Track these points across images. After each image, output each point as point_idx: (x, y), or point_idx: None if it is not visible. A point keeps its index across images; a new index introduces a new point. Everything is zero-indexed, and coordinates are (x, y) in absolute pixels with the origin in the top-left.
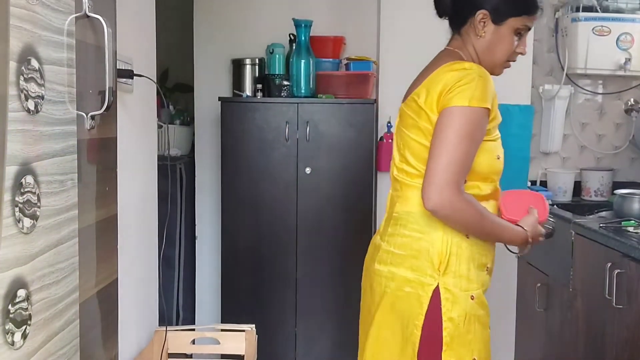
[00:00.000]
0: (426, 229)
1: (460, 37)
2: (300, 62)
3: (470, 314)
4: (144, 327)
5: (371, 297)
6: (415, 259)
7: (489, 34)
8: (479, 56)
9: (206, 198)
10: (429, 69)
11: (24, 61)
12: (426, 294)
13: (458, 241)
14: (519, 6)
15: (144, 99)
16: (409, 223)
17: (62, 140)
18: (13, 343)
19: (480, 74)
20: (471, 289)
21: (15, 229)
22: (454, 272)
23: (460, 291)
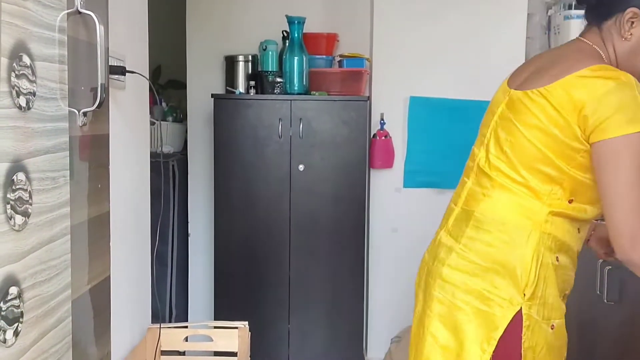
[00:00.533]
0: (518, 242)
1: (600, 33)
2: (294, 59)
3: (550, 345)
4: (136, 324)
5: (428, 305)
6: (497, 275)
7: (636, 38)
8: (618, 60)
9: (199, 195)
10: (561, 60)
11: (16, 57)
12: (504, 317)
13: (548, 263)
14: None
15: (136, 96)
16: (498, 232)
17: (54, 137)
18: (5, 341)
19: (633, 84)
20: (553, 317)
21: (6, 226)
22: (539, 297)
23: (542, 319)
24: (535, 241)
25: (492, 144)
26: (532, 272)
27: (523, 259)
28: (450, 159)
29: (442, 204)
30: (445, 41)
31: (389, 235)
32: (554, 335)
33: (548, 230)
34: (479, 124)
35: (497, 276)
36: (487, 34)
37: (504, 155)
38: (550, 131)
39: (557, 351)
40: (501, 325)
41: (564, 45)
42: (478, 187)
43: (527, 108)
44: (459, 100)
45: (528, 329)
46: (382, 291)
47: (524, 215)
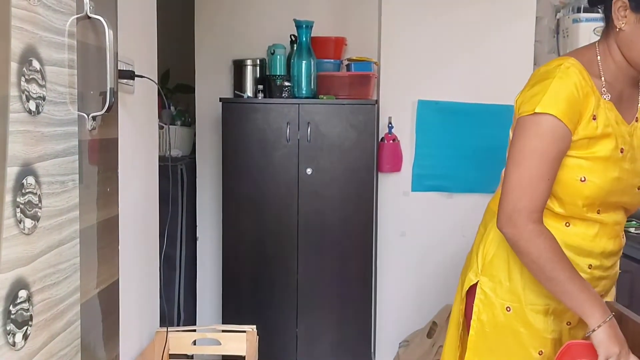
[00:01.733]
0: (486, 224)
1: (607, 30)
2: (302, 63)
3: (501, 325)
4: (145, 327)
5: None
6: (474, 253)
7: (629, 26)
8: (623, 52)
9: (207, 199)
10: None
11: (25, 62)
12: (466, 286)
13: (508, 248)
14: None
15: (145, 100)
16: (484, 218)
17: (64, 141)
18: (14, 344)
19: (562, 75)
20: (509, 300)
21: (16, 230)
22: (495, 276)
23: (496, 298)
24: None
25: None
26: (489, 251)
27: (487, 237)
28: (459, 162)
29: (450, 208)
30: (453, 45)
31: (397, 239)
32: (507, 317)
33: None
34: (487, 128)
35: (472, 254)
36: (495, 38)
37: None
38: (514, 126)
39: (512, 334)
40: (464, 296)
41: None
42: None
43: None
44: (467, 104)
45: (481, 302)
46: (390, 295)
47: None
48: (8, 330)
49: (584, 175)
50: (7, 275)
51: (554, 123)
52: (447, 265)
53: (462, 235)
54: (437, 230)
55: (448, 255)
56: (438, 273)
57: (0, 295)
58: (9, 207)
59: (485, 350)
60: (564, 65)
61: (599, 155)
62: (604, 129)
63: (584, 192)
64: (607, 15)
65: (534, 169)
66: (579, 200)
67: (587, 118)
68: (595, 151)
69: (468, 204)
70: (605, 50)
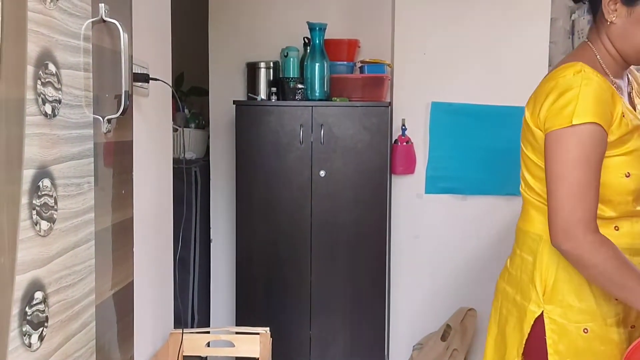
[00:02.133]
0: (533, 250)
1: (595, 26)
2: (315, 65)
3: (581, 349)
4: (159, 329)
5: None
6: (523, 282)
7: (620, 19)
8: (616, 46)
9: (221, 201)
10: (553, 69)
11: (41, 65)
12: (528, 322)
13: (568, 266)
14: None
15: (159, 103)
16: (522, 243)
17: (79, 143)
18: (30, 345)
19: (587, 81)
20: (583, 321)
21: (32, 232)
22: (561, 300)
23: (569, 322)
24: (548, 244)
25: (521, 168)
26: (549, 275)
27: (539, 263)
28: (473, 164)
29: (464, 210)
30: (467, 46)
31: (411, 241)
32: (586, 340)
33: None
34: (501, 129)
35: (523, 283)
36: (509, 39)
37: (523, 174)
38: (532, 141)
39: (594, 356)
40: (527, 329)
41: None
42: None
43: (523, 126)
44: (481, 105)
45: (553, 332)
46: (404, 298)
47: (538, 220)
48: (24, 331)
49: (628, 171)
50: (23, 276)
51: (592, 129)
52: (461, 268)
53: (476, 237)
54: (451, 233)
55: (462, 258)
56: (452, 276)
57: (17, 296)
58: (25, 209)
59: None
60: (583, 71)
61: (634, 149)
62: (632, 123)
63: (630, 187)
64: (594, 11)
65: (582, 178)
66: (629, 196)
67: (619, 117)
68: (630, 145)
69: (482, 206)
70: (600, 47)
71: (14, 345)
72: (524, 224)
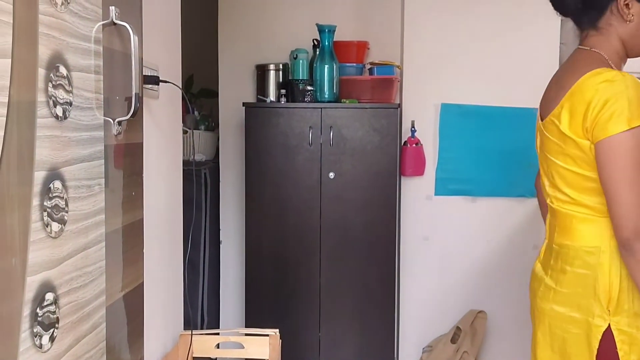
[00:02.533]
0: (591, 262)
1: (598, 32)
2: (324, 67)
3: None
4: (169, 330)
5: (535, 330)
6: (581, 298)
7: (637, 15)
8: (627, 45)
9: (230, 203)
10: (565, 76)
11: (53, 68)
12: (595, 337)
13: (627, 274)
14: None
15: (169, 105)
16: (573, 258)
17: (90, 145)
18: (41, 346)
19: (627, 84)
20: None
21: (43, 233)
22: (627, 310)
23: (637, 331)
24: (608, 255)
25: (545, 180)
26: (612, 286)
27: (600, 275)
28: (482, 166)
29: (474, 212)
30: (476, 47)
31: (420, 243)
32: None
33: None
34: (511, 131)
35: (582, 299)
36: (519, 40)
37: (555, 186)
38: (571, 152)
39: None
40: (595, 344)
41: (568, 59)
42: (552, 219)
43: (547, 137)
44: (491, 107)
45: (624, 343)
46: (414, 300)
47: (591, 233)
48: (35, 332)
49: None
50: (34, 278)
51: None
52: (471, 270)
53: (486, 239)
54: (460, 235)
55: (472, 260)
56: (462, 278)
57: (28, 297)
58: (36, 211)
59: None
60: (617, 75)
61: None
62: None
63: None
64: (596, 18)
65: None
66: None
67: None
68: None
69: (492, 208)
70: (608, 49)
71: (25, 346)
72: (569, 240)
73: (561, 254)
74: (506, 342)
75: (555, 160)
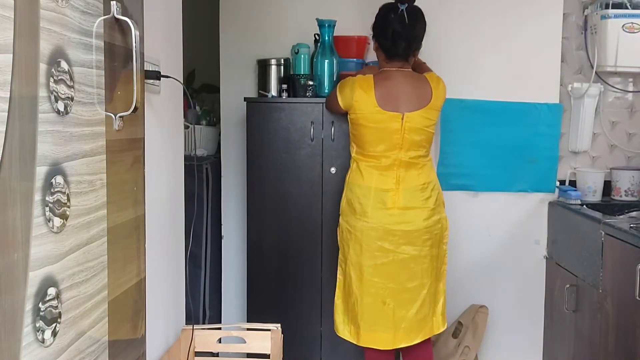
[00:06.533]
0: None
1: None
2: (324, 62)
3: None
4: (171, 325)
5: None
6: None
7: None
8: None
9: (232, 198)
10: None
11: (54, 63)
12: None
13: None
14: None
15: (171, 100)
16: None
17: (91, 140)
18: (43, 341)
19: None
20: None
21: (45, 228)
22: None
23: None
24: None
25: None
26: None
27: None
28: (484, 161)
29: (476, 207)
30: (478, 42)
31: None
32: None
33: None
34: (512, 126)
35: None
36: (522, 35)
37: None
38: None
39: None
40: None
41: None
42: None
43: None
44: (493, 101)
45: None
46: None
47: None
48: (37, 327)
49: None
50: (36, 273)
51: None
52: (472, 265)
53: (487, 234)
54: (462, 230)
55: (473, 255)
56: (463, 273)
57: (30, 292)
58: (38, 206)
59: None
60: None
61: None
62: None
63: None
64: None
65: None
66: None
67: None
68: None
69: (494, 203)
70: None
71: (27, 341)
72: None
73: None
74: (507, 336)
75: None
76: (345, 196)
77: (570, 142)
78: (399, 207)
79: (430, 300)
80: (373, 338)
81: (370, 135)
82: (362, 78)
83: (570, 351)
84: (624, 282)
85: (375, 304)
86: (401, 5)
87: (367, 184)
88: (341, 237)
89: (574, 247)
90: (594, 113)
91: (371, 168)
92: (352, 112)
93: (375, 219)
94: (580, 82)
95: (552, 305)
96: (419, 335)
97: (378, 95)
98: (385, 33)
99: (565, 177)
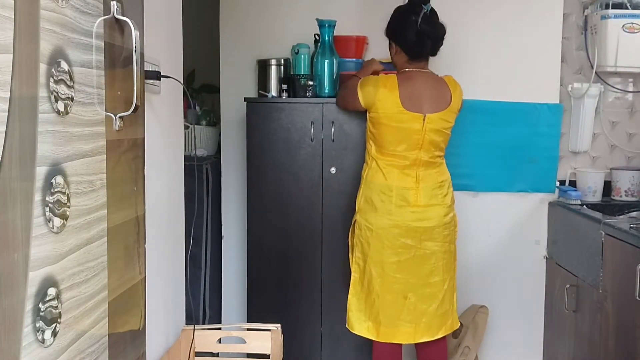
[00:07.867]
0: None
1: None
2: (324, 62)
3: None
4: (171, 325)
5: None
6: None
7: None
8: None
9: (232, 198)
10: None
11: (54, 63)
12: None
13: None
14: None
15: (171, 100)
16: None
17: (92, 141)
18: (43, 341)
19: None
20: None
21: (45, 229)
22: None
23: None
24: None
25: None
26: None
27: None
28: (484, 161)
29: (475, 207)
30: (478, 42)
31: None
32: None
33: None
34: (513, 126)
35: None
36: (522, 35)
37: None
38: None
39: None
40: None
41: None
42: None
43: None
44: (493, 102)
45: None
46: None
47: None
48: (37, 327)
49: None
50: (36, 273)
51: None
52: (472, 265)
53: (487, 234)
54: (462, 230)
55: (473, 255)
56: (463, 273)
57: (30, 292)
58: (38, 206)
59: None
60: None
61: None
62: None
63: None
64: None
65: None
66: None
67: None
68: None
69: (494, 203)
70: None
71: (27, 341)
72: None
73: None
74: (507, 336)
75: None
76: (362, 194)
77: (570, 142)
78: (421, 204)
79: (449, 296)
80: (394, 333)
81: (391, 134)
82: (386, 77)
83: (570, 351)
84: (624, 282)
85: (397, 300)
86: (425, 6)
87: (388, 183)
88: (359, 235)
89: (574, 247)
90: (594, 113)
91: (391, 167)
92: (374, 111)
93: (398, 216)
94: (580, 82)
95: (552, 306)
96: (440, 330)
97: (402, 95)
98: (408, 34)
99: (566, 177)
